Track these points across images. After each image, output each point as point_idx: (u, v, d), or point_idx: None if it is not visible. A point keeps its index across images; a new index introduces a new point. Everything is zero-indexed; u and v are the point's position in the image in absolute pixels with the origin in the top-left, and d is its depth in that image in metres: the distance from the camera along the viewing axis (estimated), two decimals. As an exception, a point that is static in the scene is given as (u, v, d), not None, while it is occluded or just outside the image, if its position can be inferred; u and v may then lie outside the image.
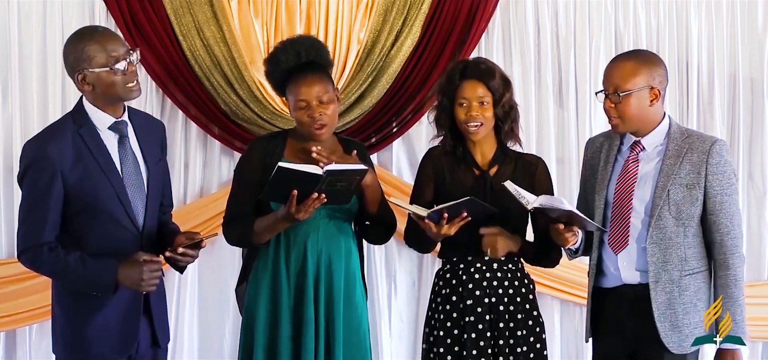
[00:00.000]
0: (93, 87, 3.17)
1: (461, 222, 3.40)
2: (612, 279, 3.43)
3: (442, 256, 3.64)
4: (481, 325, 3.50)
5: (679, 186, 3.34)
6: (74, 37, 3.21)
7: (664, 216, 3.34)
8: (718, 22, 4.96)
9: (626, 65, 3.36)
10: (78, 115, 3.21)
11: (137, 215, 3.22)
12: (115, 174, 3.19)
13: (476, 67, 3.56)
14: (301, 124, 3.50)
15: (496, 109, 3.53)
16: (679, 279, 3.35)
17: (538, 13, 4.89)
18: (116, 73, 3.16)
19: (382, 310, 4.89)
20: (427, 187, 3.62)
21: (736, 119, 5.00)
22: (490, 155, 3.59)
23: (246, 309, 3.57)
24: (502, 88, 3.53)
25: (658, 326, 3.33)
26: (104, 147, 3.20)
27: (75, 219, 3.17)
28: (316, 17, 4.75)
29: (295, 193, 3.27)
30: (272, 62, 3.57)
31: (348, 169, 3.33)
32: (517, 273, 3.58)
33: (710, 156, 3.34)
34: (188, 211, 4.71)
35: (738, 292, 3.37)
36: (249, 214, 3.48)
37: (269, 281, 3.51)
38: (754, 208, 5.04)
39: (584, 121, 4.90)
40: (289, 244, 3.50)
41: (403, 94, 4.75)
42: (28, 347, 4.75)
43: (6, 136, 4.69)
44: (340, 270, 3.52)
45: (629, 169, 3.40)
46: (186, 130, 4.80)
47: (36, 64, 4.68)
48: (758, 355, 5.09)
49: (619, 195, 3.39)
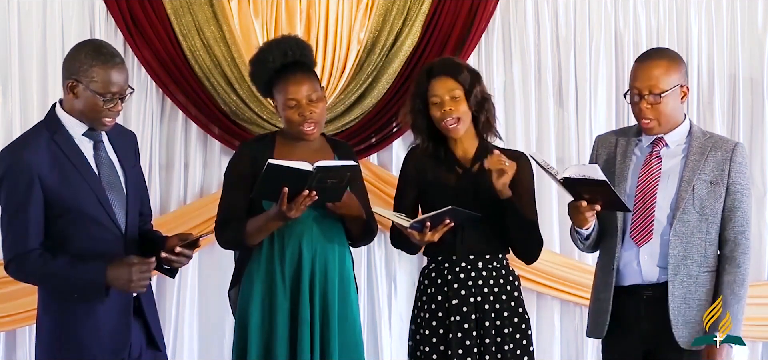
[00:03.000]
0: (76, 99, 3.14)
1: (444, 228, 3.40)
2: (631, 276, 3.42)
3: (427, 255, 3.64)
4: (467, 324, 3.50)
5: (703, 182, 3.37)
6: (89, 50, 3.16)
7: (688, 210, 3.36)
8: (718, 22, 4.96)
9: (660, 64, 3.38)
10: (51, 123, 3.18)
11: (118, 217, 3.20)
12: (93, 177, 3.16)
13: (442, 64, 3.56)
14: (291, 124, 3.49)
15: (469, 100, 3.51)
16: (697, 274, 3.37)
17: (538, 13, 4.89)
18: (105, 103, 3.13)
19: (382, 310, 4.89)
20: (410, 189, 3.61)
21: (736, 119, 5.00)
22: (472, 152, 3.57)
23: (239, 311, 3.56)
24: (471, 78, 3.52)
25: (671, 319, 3.34)
26: (80, 151, 3.17)
27: (56, 222, 3.13)
28: (316, 17, 4.75)
29: (285, 189, 3.27)
30: (259, 63, 3.55)
31: (337, 165, 3.34)
32: (502, 270, 3.57)
33: (734, 155, 3.39)
34: (188, 211, 4.71)
35: (743, 292, 3.40)
36: (241, 217, 3.47)
37: (264, 283, 3.50)
38: (755, 208, 5.03)
39: (584, 121, 4.90)
40: (283, 244, 3.50)
41: (403, 94, 4.74)
42: (28, 347, 4.74)
43: (6, 136, 4.68)
44: (334, 269, 3.51)
45: (652, 165, 3.42)
46: (186, 130, 4.80)
47: (36, 64, 4.68)
48: (758, 355, 5.09)
49: (641, 189, 3.40)
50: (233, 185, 3.54)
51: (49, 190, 3.11)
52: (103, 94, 3.12)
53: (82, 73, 3.12)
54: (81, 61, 3.13)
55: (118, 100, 3.15)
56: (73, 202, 3.12)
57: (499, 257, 3.57)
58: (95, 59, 3.13)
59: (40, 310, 3.23)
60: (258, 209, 3.45)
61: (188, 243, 3.24)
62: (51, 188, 3.11)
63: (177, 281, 4.74)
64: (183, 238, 3.25)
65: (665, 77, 3.36)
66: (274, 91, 3.53)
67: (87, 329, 3.15)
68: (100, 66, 3.12)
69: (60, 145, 3.14)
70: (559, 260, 4.84)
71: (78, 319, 3.15)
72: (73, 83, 3.14)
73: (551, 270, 4.84)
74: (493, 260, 3.56)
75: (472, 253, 3.53)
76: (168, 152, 4.78)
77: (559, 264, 4.84)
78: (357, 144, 4.78)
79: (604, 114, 4.89)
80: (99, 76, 3.12)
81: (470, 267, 3.54)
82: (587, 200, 3.30)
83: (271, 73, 3.52)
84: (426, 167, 3.58)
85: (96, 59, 3.13)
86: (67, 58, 3.19)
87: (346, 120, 4.75)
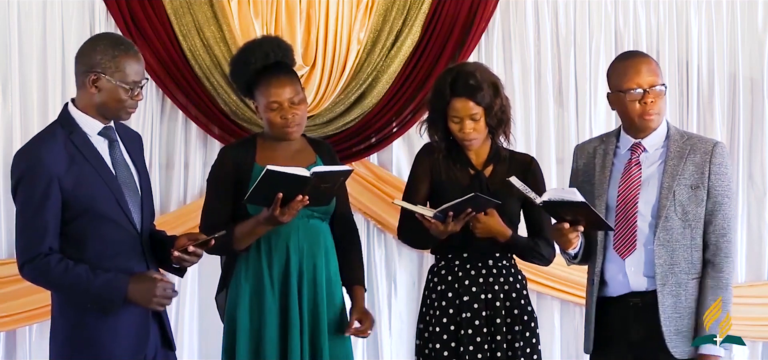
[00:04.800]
0: (98, 93, 3.14)
1: (466, 218, 3.41)
2: (618, 287, 3.38)
3: (436, 253, 3.65)
4: (478, 321, 3.52)
5: (684, 187, 3.32)
6: (108, 42, 3.16)
7: (671, 217, 3.32)
8: (718, 22, 4.96)
9: (650, 60, 3.39)
10: (66, 123, 3.16)
11: (135, 217, 3.19)
12: (110, 176, 3.15)
13: (465, 83, 3.52)
14: (273, 125, 3.50)
15: (488, 119, 3.53)
16: (686, 282, 3.32)
17: (538, 13, 4.88)
18: (128, 93, 3.14)
19: (382, 310, 4.88)
20: (422, 184, 3.63)
21: (736, 119, 4.99)
22: (485, 155, 3.61)
23: (227, 315, 3.56)
24: (491, 97, 3.52)
25: (664, 330, 3.30)
26: (97, 151, 3.16)
27: (73, 223, 3.11)
28: (316, 17, 4.74)
29: (280, 195, 3.27)
30: (240, 64, 3.55)
31: (333, 170, 3.36)
32: (511, 269, 3.60)
33: (713, 156, 3.34)
34: (188, 211, 4.71)
35: (728, 297, 3.33)
36: (226, 222, 3.46)
37: (252, 286, 3.50)
38: (754, 208, 5.04)
39: (584, 121, 4.90)
40: (270, 247, 3.50)
41: (403, 94, 4.75)
42: (28, 347, 4.74)
43: (6, 136, 4.68)
44: (321, 270, 3.52)
45: (632, 172, 3.37)
46: (186, 130, 4.79)
47: (36, 64, 4.68)
48: (758, 355, 5.08)
49: (622, 199, 3.36)
50: (217, 191, 3.53)
51: (66, 191, 3.09)
52: (128, 83, 3.12)
53: (105, 65, 3.12)
54: (102, 52, 3.13)
55: (139, 89, 3.17)
56: (91, 202, 3.11)
57: (508, 256, 3.60)
58: (117, 50, 3.13)
59: (55, 309, 3.20)
60: (242, 214, 3.44)
61: (201, 243, 3.22)
62: (68, 189, 3.09)
63: (177, 281, 4.73)
64: (192, 238, 3.23)
65: (659, 70, 3.38)
66: (256, 92, 3.53)
67: (106, 329, 3.12)
68: (123, 55, 3.13)
69: (77, 144, 3.13)
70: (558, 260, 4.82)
71: (97, 318, 3.11)
72: (95, 77, 3.13)
73: (551, 270, 4.82)
74: (502, 258, 3.59)
75: (483, 251, 3.55)
76: (168, 152, 4.78)
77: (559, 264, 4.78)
78: (357, 144, 4.78)
79: (604, 114, 4.88)
80: (123, 66, 3.12)
81: (481, 265, 3.56)
82: (570, 222, 3.28)
83: (252, 74, 3.52)
84: (440, 167, 3.60)
85: (117, 49, 3.14)
86: (83, 53, 3.18)
87: (346, 120, 4.75)
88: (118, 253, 3.14)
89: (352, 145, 4.77)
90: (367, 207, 4.76)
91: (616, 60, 3.47)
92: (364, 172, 4.76)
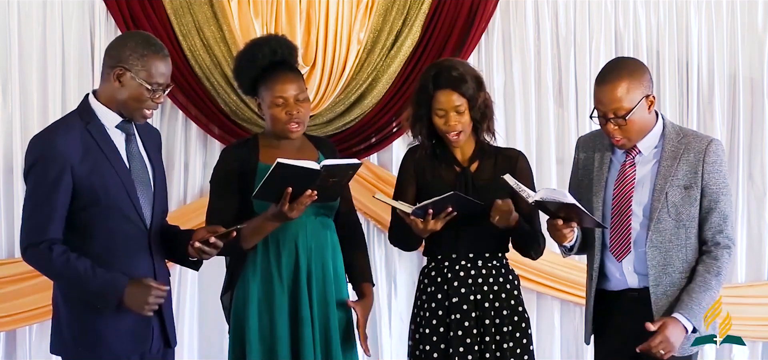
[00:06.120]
0: (121, 89, 3.15)
1: (447, 217, 3.40)
2: (616, 283, 3.39)
3: (427, 254, 3.65)
4: (467, 322, 3.51)
5: (676, 187, 3.31)
6: (139, 40, 3.17)
7: (663, 219, 3.31)
8: (718, 22, 4.96)
9: (620, 85, 3.24)
10: (85, 113, 3.18)
11: (145, 211, 3.20)
12: (124, 169, 3.17)
13: (448, 76, 3.51)
14: (276, 121, 3.49)
15: (472, 112, 3.53)
16: (680, 282, 3.31)
17: (538, 13, 4.89)
18: (150, 93, 3.15)
19: (382, 310, 4.89)
20: (409, 186, 3.62)
21: (736, 119, 5.00)
22: (470, 152, 3.59)
23: (234, 315, 3.54)
24: (475, 90, 3.51)
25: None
26: (112, 143, 3.17)
27: (82, 213, 3.12)
28: (316, 17, 4.75)
29: (289, 189, 3.27)
30: (247, 59, 3.54)
31: (343, 163, 3.35)
32: (501, 269, 3.58)
33: (707, 155, 3.31)
34: (188, 211, 4.71)
35: (715, 283, 3.28)
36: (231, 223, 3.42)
37: (261, 285, 3.50)
38: (754, 208, 5.04)
39: (584, 121, 4.89)
40: (278, 245, 3.49)
41: (403, 94, 4.75)
42: (28, 347, 4.75)
43: (6, 136, 4.69)
44: (329, 265, 3.52)
45: (626, 174, 3.36)
46: (186, 130, 4.80)
47: (36, 64, 4.68)
48: (758, 355, 5.09)
49: (617, 200, 3.36)
50: (221, 191, 3.52)
51: (79, 180, 3.10)
52: (151, 83, 3.13)
53: (132, 62, 3.13)
54: (131, 49, 3.14)
55: (161, 92, 3.17)
56: (102, 193, 3.12)
57: (498, 256, 3.59)
58: (146, 49, 3.14)
59: (57, 302, 3.21)
60: (246, 214, 3.45)
61: (222, 234, 3.21)
62: (81, 178, 3.10)
63: (177, 281, 4.74)
64: (212, 231, 3.23)
65: (628, 96, 3.24)
66: (261, 88, 3.52)
67: (109, 322, 3.14)
68: (152, 56, 3.14)
69: (93, 135, 3.14)
70: (559, 260, 4.83)
71: (99, 313, 3.13)
72: (120, 71, 3.14)
73: (551, 270, 4.85)
74: (492, 259, 3.57)
75: (472, 251, 3.54)
76: (168, 152, 4.77)
77: (559, 264, 4.83)
78: (357, 144, 4.79)
79: (604, 114, 4.88)
80: (149, 66, 3.13)
81: (470, 265, 3.54)
82: (563, 218, 3.28)
83: (258, 70, 3.52)
84: (425, 166, 3.59)
85: (147, 49, 3.15)
86: (114, 47, 3.19)
87: (346, 120, 4.75)
88: (124, 247, 3.15)
89: (352, 145, 4.77)
90: (367, 207, 4.76)
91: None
92: (364, 172, 4.76)
